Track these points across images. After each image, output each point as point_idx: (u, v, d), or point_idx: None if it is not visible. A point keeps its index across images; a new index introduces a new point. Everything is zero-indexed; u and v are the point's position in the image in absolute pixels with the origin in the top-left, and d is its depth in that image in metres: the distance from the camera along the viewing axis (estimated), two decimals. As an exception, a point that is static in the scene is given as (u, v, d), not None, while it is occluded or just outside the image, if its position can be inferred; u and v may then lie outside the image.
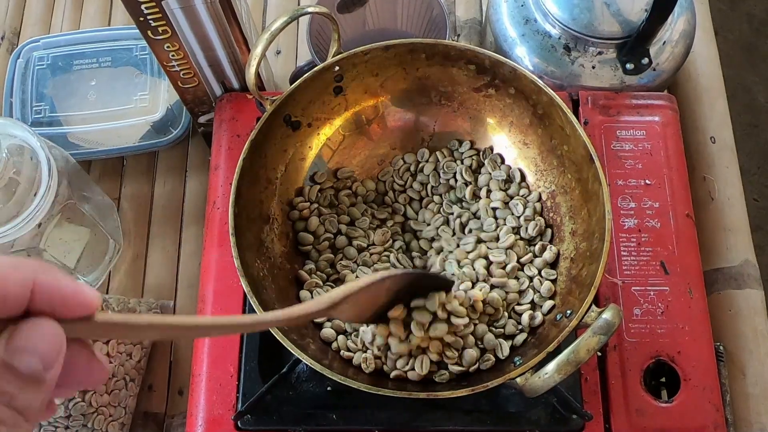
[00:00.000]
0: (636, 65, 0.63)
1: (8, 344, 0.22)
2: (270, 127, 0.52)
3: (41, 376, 0.22)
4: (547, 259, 0.53)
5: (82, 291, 0.24)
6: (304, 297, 0.52)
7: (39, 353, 0.22)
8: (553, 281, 0.52)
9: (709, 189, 0.66)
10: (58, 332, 0.23)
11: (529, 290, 0.52)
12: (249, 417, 0.51)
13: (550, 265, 0.53)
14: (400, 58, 0.55)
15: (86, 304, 0.24)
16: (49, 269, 0.23)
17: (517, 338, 0.50)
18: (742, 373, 0.58)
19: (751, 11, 1.63)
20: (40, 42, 0.73)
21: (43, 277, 0.23)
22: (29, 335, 0.22)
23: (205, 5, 0.52)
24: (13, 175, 0.52)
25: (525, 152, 0.57)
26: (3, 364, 0.22)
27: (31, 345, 0.22)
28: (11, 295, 0.22)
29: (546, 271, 0.52)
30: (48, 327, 0.23)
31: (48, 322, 0.23)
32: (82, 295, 0.24)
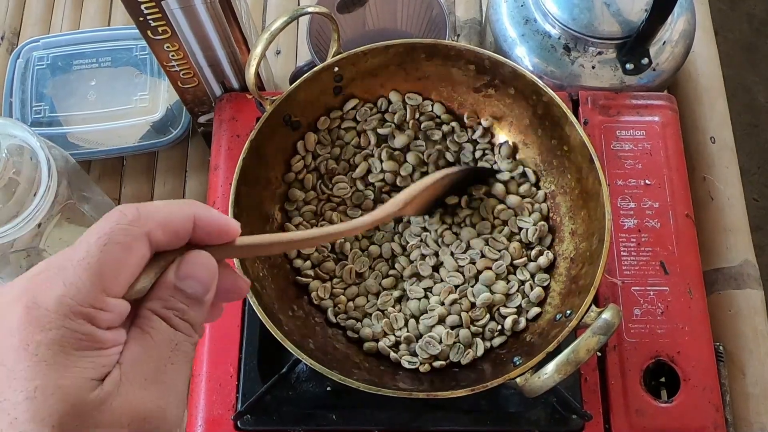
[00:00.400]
0: (636, 65, 0.63)
1: (178, 273, 0.28)
2: (270, 127, 0.52)
3: (202, 297, 0.28)
4: (542, 264, 0.53)
5: (228, 222, 0.30)
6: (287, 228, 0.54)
7: (200, 279, 0.28)
8: (545, 287, 0.52)
9: (709, 189, 0.66)
10: (212, 263, 0.29)
11: (518, 294, 0.52)
12: (249, 417, 0.51)
13: (544, 270, 0.53)
14: (399, 58, 0.55)
15: (232, 233, 0.30)
16: (201, 205, 0.29)
17: (495, 340, 0.50)
18: (742, 373, 0.58)
19: (751, 11, 1.64)
20: (39, 42, 0.73)
21: (200, 212, 0.28)
22: (192, 266, 0.28)
23: (204, 5, 0.52)
24: (12, 175, 0.52)
25: (524, 152, 0.57)
26: (176, 288, 0.28)
27: (193, 273, 0.28)
28: (182, 230, 0.28)
29: (539, 276, 0.52)
30: (205, 258, 0.28)
31: (205, 255, 0.28)
32: (228, 225, 0.29)
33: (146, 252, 0.27)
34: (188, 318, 0.28)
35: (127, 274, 0.26)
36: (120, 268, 0.26)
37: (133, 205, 0.27)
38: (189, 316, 0.28)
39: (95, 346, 0.25)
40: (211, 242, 0.29)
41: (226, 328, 0.54)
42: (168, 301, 0.27)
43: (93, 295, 0.25)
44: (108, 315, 0.25)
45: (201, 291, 0.28)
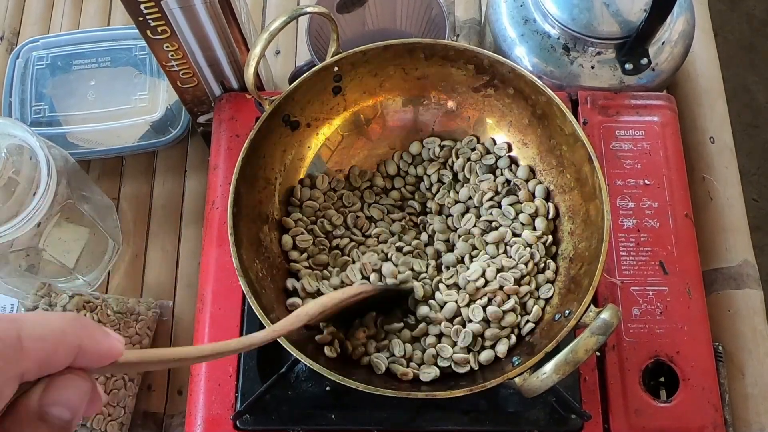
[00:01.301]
0: (635, 65, 0.63)
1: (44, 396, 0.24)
2: (269, 127, 0.52)
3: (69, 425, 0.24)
4: (548, 276, 0.52)
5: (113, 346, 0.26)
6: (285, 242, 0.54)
7: (71, 406, 0.24)
8: (545, 300, 0.51)
9: (709, 189, 0.66)
10: (88, 386, 0.25)
11: (512, 313, 0.50)
12: (248, 417, 0.51)
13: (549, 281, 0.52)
14: (399, 58, 0.55)
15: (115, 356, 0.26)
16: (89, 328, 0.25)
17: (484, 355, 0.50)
18: (741, 373, 0.58)
19: (751, 11, 1.64)
20: (39, 42, 0.73)
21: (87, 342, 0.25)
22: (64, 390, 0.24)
23: (204, 5, 0.52)
24: (12, 175, 0.52)
25: (524, 152, 0.57)
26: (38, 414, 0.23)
27: (64, 398, 0.24)
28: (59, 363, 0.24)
29: (544, 289, 0.51)
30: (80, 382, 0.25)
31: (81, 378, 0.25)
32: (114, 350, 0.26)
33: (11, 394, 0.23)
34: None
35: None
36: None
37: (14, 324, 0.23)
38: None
39: None
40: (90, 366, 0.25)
41: (226, 328, 0.54)
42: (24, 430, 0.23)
43: None
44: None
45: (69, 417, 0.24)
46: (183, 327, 0.64)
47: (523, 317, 0.51)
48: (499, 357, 0.50)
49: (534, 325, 0.50)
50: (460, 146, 0.58)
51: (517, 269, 0.51)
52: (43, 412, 0.24)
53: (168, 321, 0.64)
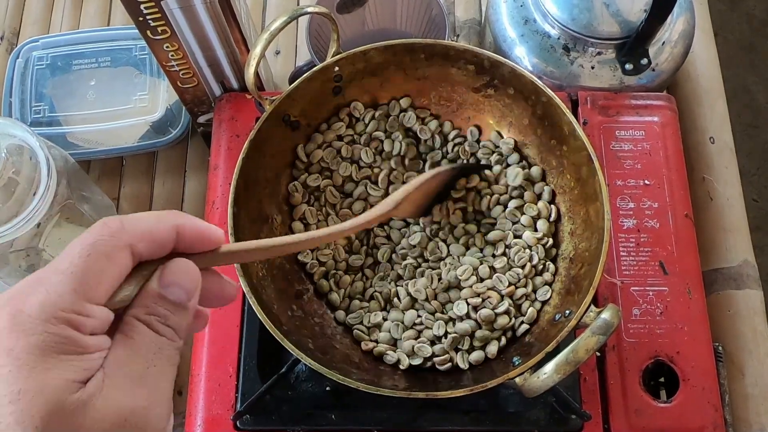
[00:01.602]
0: (635, 65, 0.63)
1: (160, 280, 0.28)
2: (269, 127, 0.52)
3: (185, 303, 0.29)
4: (546, 279, 0.52)
5: (210, 230, 0.30)
6: (296, 228, 0.55)
7: (182, 286, 0.29)
8: (542, 302, 0.51)
9: (709, 189, 0.66)
10: (194, 270, 0.29)
11: (505, 315, 0.51)
12: (248, 417, 0.51)
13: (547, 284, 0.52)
14: (399, 58, 0.55)
15: (215, 240, 0.31)
16: (184, 215, 0.30)
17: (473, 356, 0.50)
18: (742, 374, 0.58)
19: (751, 12, 1.64)
20: (39, 42, 0.73)
21: (182, 221, 0.29)
22: (175, 273, 0.29)
23: (204, 5, 0.52)
24: (12, 175, 0.52)
25: (524, 152, 0.56)
26: (159, 295, 0.28)
27: (176, 280, 0.29)
28: (165, 241, 0.29)
29: (542, 292, 0.51)
30: (187, 266, 0.29)
31: (187, 263, 0.29)
32: (211, 233, 0.30)
33: (128, 262, 0.28)
34: (171, 323, 0.29)
35: (109, 283, 0.27)
36: (102, 276, 0.27)
37: (117, 217, 0.28)
38: (172, 321, 0.29)
39: (77, 350, 0.26)
40: (194, 251, 0.30)
41: (226, 328, 0.54)
42: (151, 307, 0.28)
43: (75, 301, 0.26)
44: (90, 321, 0.26)
45: (184, 297, 0.29)
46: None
47: (517, 319, 0.51)
48: (489, 358, 0.50)
49: (529, 326, 0.50)
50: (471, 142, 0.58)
51: (513, 272, 0.52)
52: (162, 293, 0.28)
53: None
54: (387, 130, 0.57)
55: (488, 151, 0.57)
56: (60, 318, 0.25)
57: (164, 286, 0.28)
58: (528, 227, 0.54)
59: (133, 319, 0.28)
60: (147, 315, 0.28)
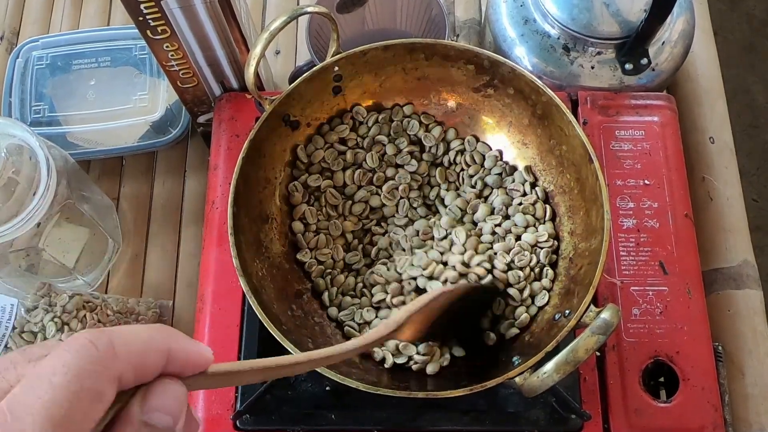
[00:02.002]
0: (635, 65, 0.63)
1: (144, 404, 0.25)
2: (269, 127, 0.52)
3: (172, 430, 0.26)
4: (545, 284, 0.52)
5: (201, 352, 0.27)
6: (296, 228, 0.54)
7: (169, 411, 0.25)
8: (539, 308, 0.51)
9: (708, 189, 0.66)
10: (183, 391, 0.26)
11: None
12: (248, 417, 0.51)
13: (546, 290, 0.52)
14: (399, 58, 0.55)
15: (205, 363, 0.27)
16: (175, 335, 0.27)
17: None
18: (741, 373, 0.58)
19: (751, 11, 1.64)
20: (39, 42, 0.73)
21: (175, 346, 0.26)
22: (161, 396, 0.25)
23: (204, 5, 0.52)
24: (12, 175, 0.52)
25: (524, 152, 0.57)
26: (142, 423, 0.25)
27: (163, 404, 0.25)
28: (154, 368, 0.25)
29: (539, 297, 0.51)
30: (175, 387, 0.26)
31: (175, 383, 0.26)
32: (202, 355, 0.27)
33: (112, 396, 0.24)
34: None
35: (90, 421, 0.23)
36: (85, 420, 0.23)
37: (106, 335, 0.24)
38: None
39: None
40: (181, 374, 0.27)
41: (226, 328, 0.54)
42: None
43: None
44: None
45: (170, 422, 0.25)
46: (183, 327, 0.64)
47: (508, 320, 0.51)
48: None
49: (519, 330, 0.50)
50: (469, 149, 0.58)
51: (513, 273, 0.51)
52: (145, 420, 0.25)
53: (168, 321, 0.64)
54: (390, 135, 0.57)
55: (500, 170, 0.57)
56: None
57: (148, 412, 0.25)
58: (530, 227, 0.54)
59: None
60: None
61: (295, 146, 0.56)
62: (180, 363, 0.26)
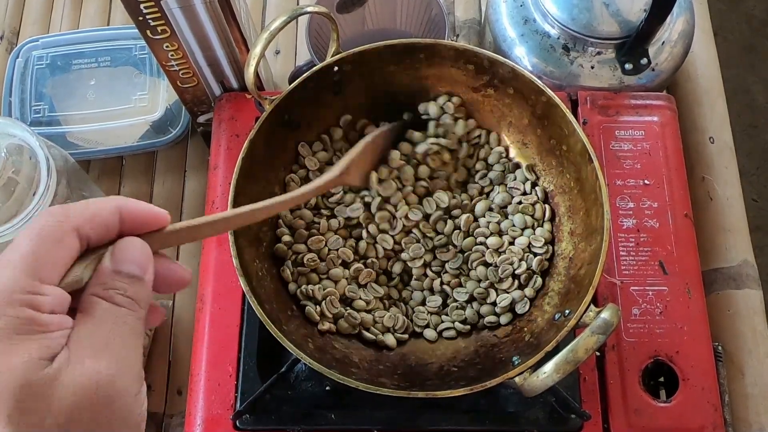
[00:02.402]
0: (635, 65, 0.63)
1: (113, 258, 0.29)
2: (269, 127, 0.52)
3: (141, 275, 0.30)
4: (527, 294, 0.53)
5: (153, 210, 0.31)
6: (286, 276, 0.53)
7: (134, 260, 0.30)
8: (516, 315, 0.52)
9: (708, 189, 0.66)
10: (145, 246, 0.31)
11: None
12: (248, 416, 0.51)
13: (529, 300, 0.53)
14: (399, 58, 0.55)
15: (160, 220, 0.32)
16: (126, 198, 0.31)
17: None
18: (741, 373, 0.58)
19: (751, 12, 1.64)
20: (39, 41, 0.73)
21: (124, 204, 0.31)
22: (125, 250, 0.30)
23: (204, 5, 0.52)
24: (12, 175, 0.52)
25: (524, 152, 0.57)
26: (113, 271, 0.29)
27: (127, 256, 0.30)
28: (109, 223, 0.30)
29: (521, 305, 0.52)
30: (136, 242, 0.30)
31: (135, 239, 0.30)
32: (154, 213, 0.31)
33: (76, 244, 0.29)
34: (130, 294, 0.29)
35: (60, 264, 0.28)
36: (52, 258, 0.28)
37: (60, 205, 0.29)
38: (130, 292, 0.29)
39: (39, 329, 0.27)
40: (140, 231, 0.31)
41: (225, 328, 0.54)
42: (108, 283, 0.29)
43: (29, 283, 0.27)
44: (47, 299, 0.27)
45: (138, 271, 0.30)
46: (183, 327, 0.64)
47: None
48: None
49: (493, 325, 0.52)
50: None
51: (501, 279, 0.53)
52: (116, 269, 0.29)
53: (168, 321, 0.64)
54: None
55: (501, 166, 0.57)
56: (17, 300, 0.26)
57: (117, 263, 0.29)
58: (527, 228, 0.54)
59: (91, 296, 0.29)
60: (104, 290, 0.29)
61: (296, 144, 0.56)
62: (134, 220, 0.31)
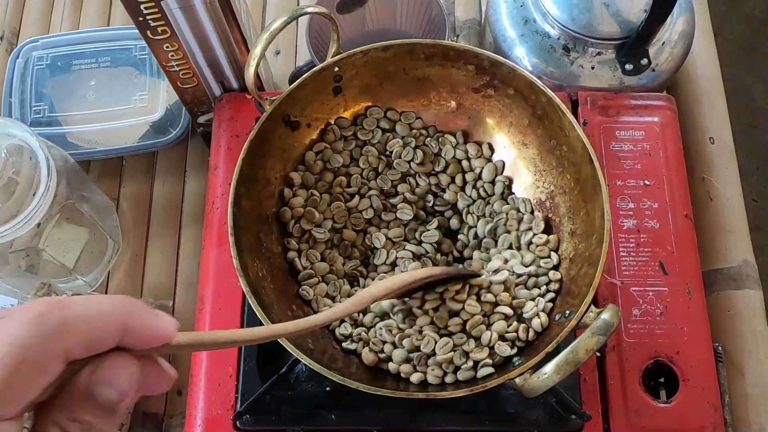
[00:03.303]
0: (635, 66, 0.63)
1: (92, 376, 0.25)
2: (269, 127, 0.52)
3: (115, 407, 0.25)
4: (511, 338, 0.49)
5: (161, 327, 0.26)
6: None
7: (117, 387, 0.25)
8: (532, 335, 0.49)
9: (708, 189, 0.66)
10: (134, 368, 0.26)
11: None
12: (248, 417, 0.51)
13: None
14: (399, 58, 0.55)
15: (165, 338, 0.27)
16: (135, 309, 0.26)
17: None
18: (741, 374, 0.58)
19: (751, 12, 1.64)
20: (39, 42, 0.73)
21: (132, 322, 0.25)
22: (110, 370, 0.25)
23: (204, 5, 0.52)
24: (12, 175, 0.52)
25: (524, 153, 0.57)
26: (87, 395, 0.24)
27: (110, 379, 0.25)
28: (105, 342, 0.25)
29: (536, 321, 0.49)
30: (127, 363, 0.25)
31: (127, 360, 0.25)
32: (161, 331, 0.26)
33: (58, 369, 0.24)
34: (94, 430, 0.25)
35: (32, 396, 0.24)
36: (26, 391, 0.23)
37: (56, 304, 0.24)
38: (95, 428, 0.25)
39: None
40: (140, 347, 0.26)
41: (226, 328, 0.54)
42: (75, 412, 0.24)
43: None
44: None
45: (115, 400, 0.25)
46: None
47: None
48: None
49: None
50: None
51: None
52: (91, 392, 0.25)
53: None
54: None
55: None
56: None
57: (95, 384, 0.25)
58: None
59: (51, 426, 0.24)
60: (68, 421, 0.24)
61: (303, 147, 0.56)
62: (137, 338, 0.26)
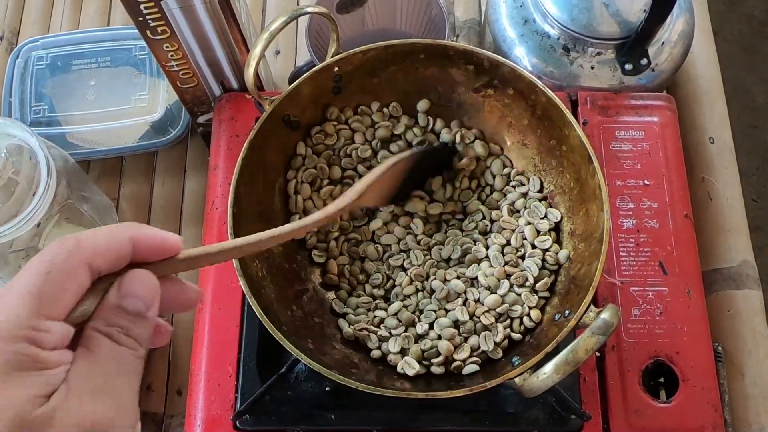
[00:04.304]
0: (635, 66, 0.63)
1: (118, 292, 0.29)
2: (269, 127, 0.52)
3: (144, 313, 0.29)
4: (501, 341, 0.50)
5: (166, 238, 0.31)
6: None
7: (140, 296, 0.29)
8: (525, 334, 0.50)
9: (708, 189, 0.66)
10: (152, 280, 0.30)
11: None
12: (247, 417, 0.51)
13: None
14: (399, 58, 0.55)
15: (172, 248, 0.31)
16: (139, 226, 0.30)
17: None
18: (741, 374, 0.58)
19: (751, 12, 1.64)
20: (39, 42, 0.73)
21: (138, 233, 0.30)
22: (131, 284, 0.29)
23: (204, 5, 0.52)
24: (11, 175, 0.52)
25: (524, 152, 0.57)
26: (117, 307, 0.29)
27: (133, 291, 0.29)
28: (121, 254, 0.29)
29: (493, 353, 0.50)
30: (144, 276, 0.30)
31: (144, 273, 0.30)
32: (167, 241, 0.31)
33: (86, 278, 0.28)
34: (132, 333, 0.29)
35: (68, 300, 0.28)
36: (60, 294, 0.27)
37: (73, 235, 0.29)
38: (133, 332, 0.29)
39: (39, 366, 0.26)
40: (153, 259, 0.30)
41: (225, 328, 0.54)
42: (110, 319, 0.29)
43: (33, 319, 0.26)
44: (50, 336, 0.27)
45: (142, 307, 0.29)
46: (183, 327, 0.64)
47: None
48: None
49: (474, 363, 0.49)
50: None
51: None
52: (120, 304, 0.29)
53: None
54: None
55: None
56: (20, 336, 0.26)
57: (122, 297, 0.29)
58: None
59: (93, 332, 0.28)
60: (107, 327, 0.28)
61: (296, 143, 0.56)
62: (146, 249, 0.30)
